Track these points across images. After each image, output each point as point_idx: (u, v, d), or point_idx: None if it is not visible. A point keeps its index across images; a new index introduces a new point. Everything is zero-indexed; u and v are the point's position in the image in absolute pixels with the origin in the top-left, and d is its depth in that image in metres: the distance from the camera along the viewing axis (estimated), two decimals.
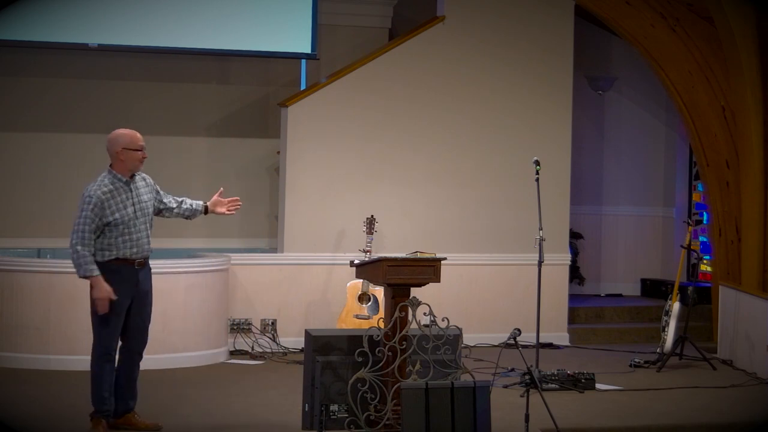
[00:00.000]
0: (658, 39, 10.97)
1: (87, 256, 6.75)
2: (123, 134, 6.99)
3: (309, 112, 10.36)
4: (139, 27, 10.17)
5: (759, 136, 10.40)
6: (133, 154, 6.93)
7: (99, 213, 6.76)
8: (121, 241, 6.83)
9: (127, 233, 6.84)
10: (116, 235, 6.81)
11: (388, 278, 6.80)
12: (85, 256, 6.74)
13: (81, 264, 6.76)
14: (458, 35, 10.69)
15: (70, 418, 7.32)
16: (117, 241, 6.82)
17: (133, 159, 6.93)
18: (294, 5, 10.52)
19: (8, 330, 9.04)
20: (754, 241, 10.48)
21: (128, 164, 6.92)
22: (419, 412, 6.26)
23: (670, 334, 9.71)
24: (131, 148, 6.93)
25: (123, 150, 6.91)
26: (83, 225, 6.75)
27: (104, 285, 6.74)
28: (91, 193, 6.80)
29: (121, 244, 6.83)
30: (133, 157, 6.93)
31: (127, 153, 6.91)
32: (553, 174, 10.67)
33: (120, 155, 6.90)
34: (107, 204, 6.78)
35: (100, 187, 6.82)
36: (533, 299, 9.24)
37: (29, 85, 10.60)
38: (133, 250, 6.87)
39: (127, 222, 6.83)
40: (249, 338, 10.06)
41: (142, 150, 6.97)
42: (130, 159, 6.92)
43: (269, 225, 11.03)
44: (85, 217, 6.75)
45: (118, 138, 6.96)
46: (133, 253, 6.87)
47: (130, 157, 6.92)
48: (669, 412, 7.94)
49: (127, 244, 6.85)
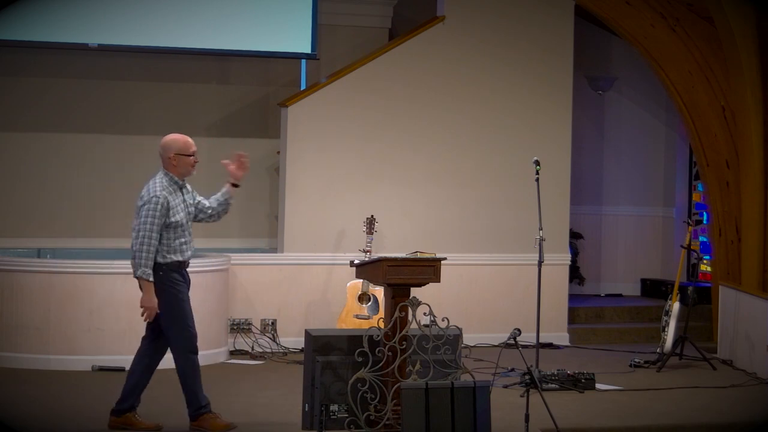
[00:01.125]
0: (658, 39, 10.97)
1: (150, 259, 6.85)
2: (176, 139, 7.04)
3: (309, 112, 10.36)
4: (139, 27, 10.17)
5: (759, 136, 10.40)
6: (185, 160, 7.00)
7: (164, 213, 6.86)
8: (179, 244, 6.96)
9: (182, 235, 6.97)
10: (175, 237, 6.93)
11: (388, 278, 6.80)
12: (147, 258, 6.84)
13: (141, 265, 6.85)
14: (458, 35, 10.69)
15: (70, 418, 7.33)
16: (176, 243, 6.94)
17: (185, 164, 7.01)
18: (294, 5, 10.52)
19: (8, 330, 9.05)
20: (754, 241, 10.48)
21: (180, 169, 7.01)
22: (419, 412, 6.26)
23: (670, 334, 9.71)
24: (184, 153, 7.00)
25: (175, 155, 6.98)
26: (150, 225, 6.84)
27: (154, 295, 6.85)
28: (157, 194, 6.87)
29: (179, 246, 6.96)
30: (185, 163, 7.01)
31: (179, 158, 6.98)
32: (553, 174, 10.67)
33: (172, 160, 6.98)
34: (171, 204, 6.90)
35: (163, 188, 6.91)
36: (533, 299, 9.24)
37: (29, 85, 10.60)
38: (187, 253, 7.02)
39: (183, 224, 6.96)
40: (249, 338, 10.06)
41: (195, 155, 7.05)
42: (182, 164, 7.00)
43: (269, 225, 11.03)
44: (153, 218, 6.83)
45: (171, 143, 7.02)
46: (187, 256, 7.03)
47: (183, 163, 7.00)
48: (669, 412, 7.94)
49: (184, 247, 6.99)
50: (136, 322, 9.07)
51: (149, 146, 10.87)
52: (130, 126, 10.84)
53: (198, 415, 7.00)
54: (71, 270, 9.09)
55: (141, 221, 6.85)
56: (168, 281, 6.90)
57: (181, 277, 6.98)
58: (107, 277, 9.07)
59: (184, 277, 7.02)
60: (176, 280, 6.94)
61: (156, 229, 6.84)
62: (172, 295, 6.90)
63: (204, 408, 7.02)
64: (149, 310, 6.87)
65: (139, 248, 6.84)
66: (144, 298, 6.88)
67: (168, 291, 6.91)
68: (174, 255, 6.93)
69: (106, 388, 8.30)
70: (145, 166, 10.82)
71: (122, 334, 9.06)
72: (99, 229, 10.69)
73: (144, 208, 6.86)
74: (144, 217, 6.84)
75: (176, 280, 6.94)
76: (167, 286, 6.89)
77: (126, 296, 9.08)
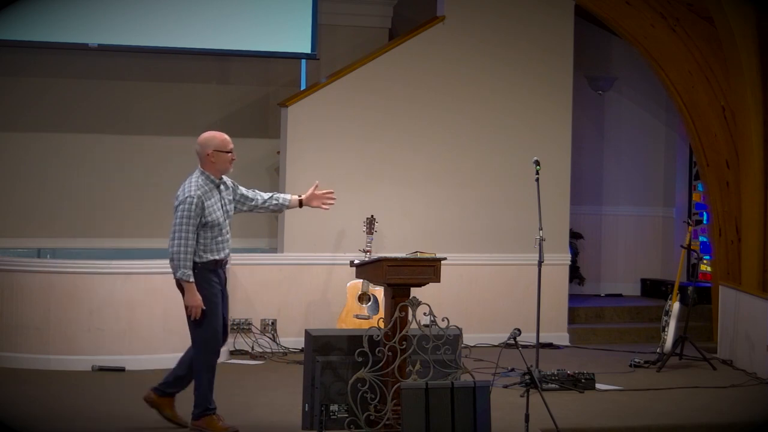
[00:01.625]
0: (658, 39, 10.97)
1: (188, 260, 6.87)
2: (214, 136, 7.09)
3: (309, 112, 10.36)
4: (139, 27, 10.17)
5: (759, 136, 10.40)
6: (223, 156, 7.05)
7: (199, 213, 6.90)
8: (215, 243, 6.99)
9: (219, 234, 7.00)
10: (211, 236, 6.96)
11: (388, 278, 6.80)
12: (186, 259, 6.87)
13: (180, 266, 6.87)
14: (458, 35, 10.69)
15: (70, 418, 7.33)
16: (212, 242, 6.97)
17: (223, 161, 7.06)
18: (294, 5, 10.52)
19: (8, 330, 9.04)
20: (754, 241, 10.48)
21: (218, 166, 7.05)
22: (419, 412, 6.27)
23: (670, 334, 9.71)
24: (222, 150, 7.05)
25: (214, 152, 7.03)
26: (186, 226, 6.87)
27: (197, 293, 6.88)
28: (191, 193, 6.91)
29: (215, 246, 6.99)
30: (223, 159, 7.05)
31: (217, 155, 7.03)
32: (553, 174, 10.67)
33: (211, 157, 7.03)
34: (206, 204, 6.94)
35: (198, 188, 6.95)
36: (533, 299, 9.24)
37: (29, 85, 10.60)
38: (225, 251, 7.05)
39: (220, 223, 6.99)
40: (249, 338, 10.06)
41: (232, 152, 7.09)
42: (220, 161, 7.04)
43: (269, 225, 11.03)
44: (188, 218, 6.87)
45: (209, 140, 7.07)
46: (225, 254, 7.05)
47: (221, 159, 7.04)
48: (669, 412, 7.94)
49: (220, 246, 7.01)
50: (136, 322, 9.12)
51: (149, 146, 10.93)
52: (130, 126, 10.84)
53: (203, 415, 7.01)
54: (71, 270, 9.09)
55: (176, 222, 6.90)
56: (201, 281, 6.94)
57: (216, 276, 7.01)
58: (107, 277, 9.08)
59: (219, 276, 7.05)
60: (210, 280, 6.97)
61: (192, 230, 6.88)
62: (202, 295, 6.92)
63: (210, 410, 7.03)
64: (194, 308, 6.90)
65: (177, 250, 6.88)
66: (187, 298, 6.91)
67: (200, 291, 6.93)
68: (210, 254, 6.97)
69: (106, 388, 8.31)
70: (145, 166, 10.86)
71: (122, 334, 9.07)
72: (99, 229, 10.69)
73: (179, 209, 6.91)
74: (179, 218, 6.89)
75: (210, 280, 6.97)
76: (200, 285, 6.92)
77: (126, 296, 9.09)
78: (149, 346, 9.15)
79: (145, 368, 9.04)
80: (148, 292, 9.12)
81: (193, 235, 6.89)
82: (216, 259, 6.99)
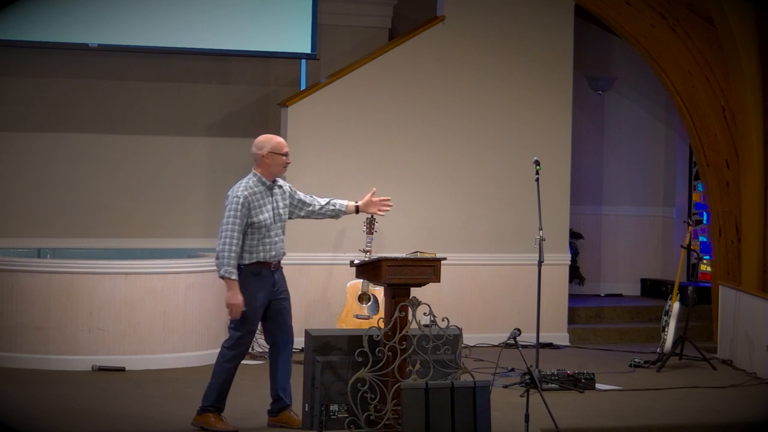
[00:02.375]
0: (658, 39, 10.97)
1: (232, 258, 6.91)
2: (270, 138, 7.17)
3: (309, 112, 10.36)
4: (139, 27, 10.17)
5: (759, 136, 10.41)
6: (278, 159, 7.11)
7: (246, 213, 6.94)
8: (261, 245, 7.01)
9: (267, 236, 7.02)
10: (258, 238, 7.00)
11: (388, 278, 6.80)
12: (230, 257, 6.91)
13: (224, 264, 6.91)
14: (458, 35, 10.68)
15: (70, 418, 7.33)
16: (258, 244, 7.01)
17: (277, 163, 7.11)
18: (294, 5, 10.52)
19: (8, 330, 9.05)
20: (754, 241, 10.48)
21: (272, 168, 7.11)
22: (419, 412, 6.27)
23: (670, 334, 9.71)
24: (277, 152, 7.11)
25: (269, 154, 7.10)
26: (232, 225, 6.91)
27: (238, 293, 6.92)
28: (237, 194, 6.97)
29: (261, 248, 7.02)
30: (277, 162, 7.11)
31: (272, 157, 7.09)
32: (553, 174, 10.66)
33: (266, 158, 7.09)
34: (253, 205, 6.97)
35: (246, 188, 7.00)
36: (533, 299, 9.23)
37: (29, 85, 10.60)
38: (271, 253, 7.06)
39: (268, 225, 7.02)
40: None
41: (287, 156, 7.15)
42: (274, 163, 7.11)
43: None
44: (234, 218, 6.92)
45: (264, 142, 7.14)
46: (271, 256, 7.06)
47: (275, 162, 7.11)
48: (669, 412, 7.94)
49: (267, 247, 7.04)
50: (136, 322, 9.12)
51: (149, 146, 10.92)
52: (130, 126, 10.84)
53: (205, 411, 7.01)
54: (71, 270, 9.09)
55: (223, 221, 6.96)
56: (242, 283, 6.97)
57: (260, 280, 7.03)
58: (107, 277, 9.07)
59: (266, 279, 7.06)
60: (250, 284, 6.99)
61: (238, 229, 6.92)
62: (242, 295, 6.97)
63: (214, 408, 7.06)
64: (234, 307, 6.94)
65: (222, 248, 6.92)
66: (228, 296, 6.95)
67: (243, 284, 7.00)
68: (255, 255, 7.01)
69: (106, 388, 8.31)
70: (145, 166, 10.86)
71: (122, 334, 9.07)
72: (99, 229, 10.69)
73: (226, 209, 6.98)
74: (226, 217, 6.95)
75: (250, 284, 6.99)
76: (240, 287, 6.96)
77: (126, 296, 9.09)
78: (149, 346, 9.15)
79: (145, 368, 9.05)
80: (148, 292, 9.12)
81: (239, 234, 6.93)
82: (261, 261, 7.01)
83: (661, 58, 11.05)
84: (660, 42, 10.97)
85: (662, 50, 11.00)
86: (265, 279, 7.05)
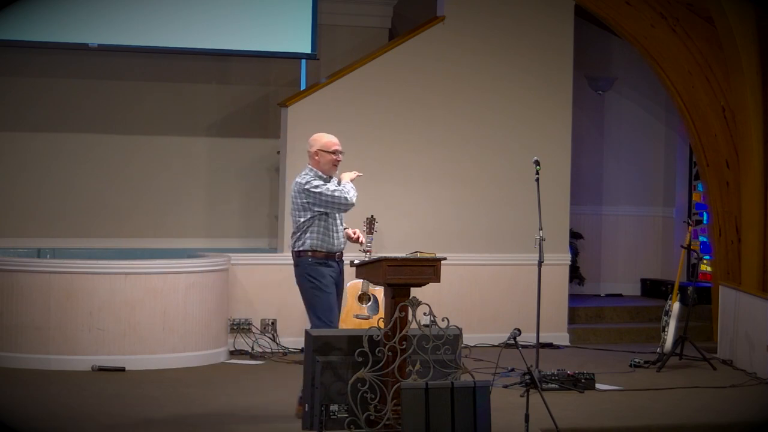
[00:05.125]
0: (658, 39, 10.97)
1: (340, 192, 7.35)
2: (321, 136, 7.52)
3: (309, 112, 10.36)
4: (139, 27, 10.18)
5: (759, 136, 10.41)
6: (326, 156, 7.44)
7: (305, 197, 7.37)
8: (327, 235, 7.37)
9: (332, 226, 7.39)
10: (324, 227, 7.35)
11: (388, 278, 6.80)
12: (340, 191, 7.35)
13: (343, 196, 7.37)
14: (458, 35, 10.69)
15: (70, 418, 7.33)
16: (325, 233, 7.36)
17: (326, 161, 7.45)
18: (294, 5, 10.52)
19: (8, 330, 9.05)
20: (754, 241, 10.48)
21: (322, 165, 7.47)
22: (419, 412, 6.27)
23: (670, 334, 9.71)
24: (325, 150, 7.44)
25: (318, 151, 7.44)
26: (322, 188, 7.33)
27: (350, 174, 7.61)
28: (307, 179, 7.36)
29: (326, 238, 7.37)
30: (326, 159, 7.45)
31: (321, 154, 7.43)
32: (553, 174, 10.66)
33: (315, 155, 7.44)
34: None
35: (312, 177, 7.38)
36: (533, 299, 9.23)
37: (29, 85, 10.60)
38: (334, 243, 7.41)
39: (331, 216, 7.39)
40: (249, 338, 10.05)
41: (336, 154, 7.46)
42: (323, 161, 7.44)
43: (269, 225, 11.03)
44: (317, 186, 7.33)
45: (316, 140, 7.52)
46: (335, 247, 7.40)
47: (324, 159, 7.44)
48: (669, 412, 7.94)
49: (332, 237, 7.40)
50: (136, 322, 9.13)
51: (149, 146, 10.93)
52: (130, 126, 10.84)
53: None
54: (71, 270, 9.09)
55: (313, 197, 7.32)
56: (310, 272, 7.31)
57: (326, 268, 7.34)
58: (107, 277, 9.08)
59: (332, 268, 7.38)
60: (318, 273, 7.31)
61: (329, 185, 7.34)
62: (310, 284, 7.32)
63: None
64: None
65: (328, 198, 7.31)
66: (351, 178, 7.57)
67: (307, 280, 7.34)
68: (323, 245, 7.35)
69: (106, 388, 8.31)
70: (145, 166, 10.87)
71: (122, 334, 9.07)
72: (99, 229, 10.69)
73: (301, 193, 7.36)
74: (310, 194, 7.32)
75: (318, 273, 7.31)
76: (307, 276, 7.32)
77: (126, 296, 9.09)
78: (149, 346, 9.15)
79: (145, 368, 9.05)
80: (148, 292, 9.12)
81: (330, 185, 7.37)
82: (327, 251, 7.34)
83: (661, 58, 11.05)
84: (660, 42, 10.97)
85: (662, 50, 11.01)
86: (333, 267, 7.39)
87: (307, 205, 7.40)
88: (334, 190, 7.38)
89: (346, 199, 7.40)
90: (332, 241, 7.45)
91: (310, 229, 7.40)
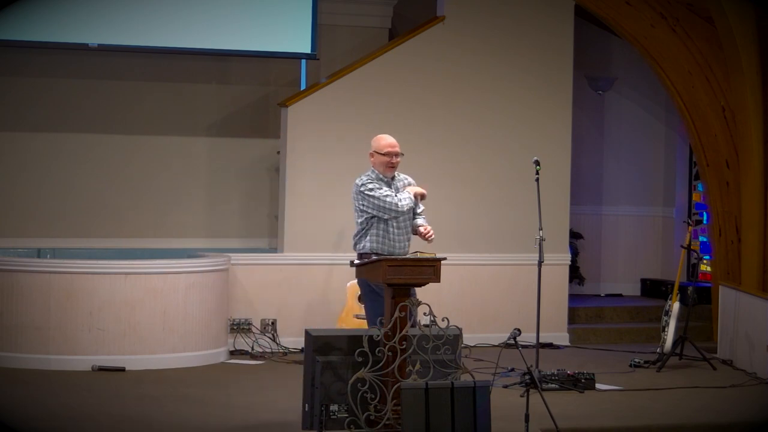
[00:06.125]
0: (658, 39, 10.97)
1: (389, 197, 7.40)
2: (379, 138, 7.67)
3: (309, 112, 10.37)
4: (139, 27, 10.18)
5: (759, 136, 10.41)
6: (380, 158, 7.55)
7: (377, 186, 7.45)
8: (386, 237, 7.44)
9: (393, 229, 7.46)
10: (383, 230, 7.43)
11: (388, 278, 6.80)
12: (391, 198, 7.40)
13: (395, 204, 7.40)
14: (458, 35, 10.68)
15: (70, 418, 7.33)
16: (382, 237, 7.44)
17: (380, 163, 7.56)
18: (294, 5, 10.52)
19: (8, 330, 9.05)
20: (754, 241, 10.48)
21: (378, 167, 7.61)
22: (419, 412, 6.27)
23: (670, 334, 9.71)
24: (380, 152, 7.54)
25: (373, 152, 7.56)
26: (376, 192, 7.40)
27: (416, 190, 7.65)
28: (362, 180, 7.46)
29: (386, 240, 7.44)
30: (380, 161, 7.56)
31: (376, 156, 7.57)
32: (553, 174, 10.66)
33: (371, 156, 7.62)
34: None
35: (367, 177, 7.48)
36: (533, 299, 9.23)
37: (29, 85, 10.60)
38: (395, 247, 7.46)
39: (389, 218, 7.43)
40: (249, 338, 10.06)
41: (390, 156, 7.51)
42: (378, 162, 7.56)
43: (269, 225, 11.03)
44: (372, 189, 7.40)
45: (373, 141, 7.74)
46: (396, 249, 7.46)
47: (378, 161, 7.56)
48: (669, 412, 7.94)
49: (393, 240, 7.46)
50: (136, 322, 9.13)
51: (149, 146, 10.93)
52: (130, 126, 10.84)
53: None
54: (71, 270, 9.09)
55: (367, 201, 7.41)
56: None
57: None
58: (107, 277, 9.08)
59: None
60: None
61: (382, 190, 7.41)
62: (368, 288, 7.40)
63: None
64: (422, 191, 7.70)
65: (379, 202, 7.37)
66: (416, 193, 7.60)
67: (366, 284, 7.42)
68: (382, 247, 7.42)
69: (106, 388, 8.31)
70: (145, 166, 10.87)
71: (122, 334, 9.07)
72: (99, 229, 10.69)
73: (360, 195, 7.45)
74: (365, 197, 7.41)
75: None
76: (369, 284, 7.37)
77: (126, 296, 9.09)
78: (149, 346, 9.15)
79: (145, 368, 9.05)
80: (148, 292, 9.13)
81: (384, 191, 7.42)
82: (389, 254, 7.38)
83: (661, 58, 11.05)
84: (660, 42, 10.97)
85: (662, 50, 11.01)
86: None
87: (363, 207, 7.49)
88: (386, 195, 7.43)
89: (396, 206, 7.44)
90: (393, 244, 7.50)
91: (369, 232, 7.48)
